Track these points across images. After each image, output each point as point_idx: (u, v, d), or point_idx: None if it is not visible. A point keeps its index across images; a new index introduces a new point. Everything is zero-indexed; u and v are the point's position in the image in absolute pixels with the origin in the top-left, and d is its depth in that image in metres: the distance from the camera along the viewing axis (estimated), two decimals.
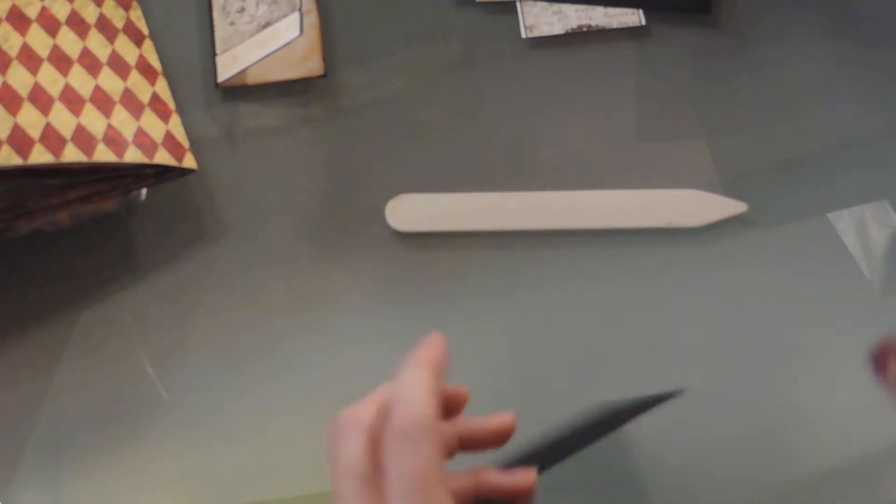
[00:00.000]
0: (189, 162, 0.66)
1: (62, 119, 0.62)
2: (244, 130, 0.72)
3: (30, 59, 0.64)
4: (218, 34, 0.73)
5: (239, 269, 0.67)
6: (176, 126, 0.67)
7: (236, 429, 0.61)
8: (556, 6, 0.74)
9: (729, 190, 0.67)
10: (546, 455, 0.48)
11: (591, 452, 0.48)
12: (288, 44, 0.72)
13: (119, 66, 0.67)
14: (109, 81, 0.66)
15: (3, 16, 0.65)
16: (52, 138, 0.61)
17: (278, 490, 0.60)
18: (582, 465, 0.52)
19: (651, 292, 0.64)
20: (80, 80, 0.65)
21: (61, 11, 0.67)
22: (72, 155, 0.61)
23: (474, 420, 0.46)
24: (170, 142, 0.65)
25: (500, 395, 0.61)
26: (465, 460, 0.47)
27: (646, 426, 0.53)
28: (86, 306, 0.65)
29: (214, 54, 0.72)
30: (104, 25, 0.68)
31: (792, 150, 0.69)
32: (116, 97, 0.65)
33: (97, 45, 0.67)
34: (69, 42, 0.66)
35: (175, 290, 0.66)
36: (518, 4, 0.74)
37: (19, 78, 0.63)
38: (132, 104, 0.66)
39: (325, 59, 0.72)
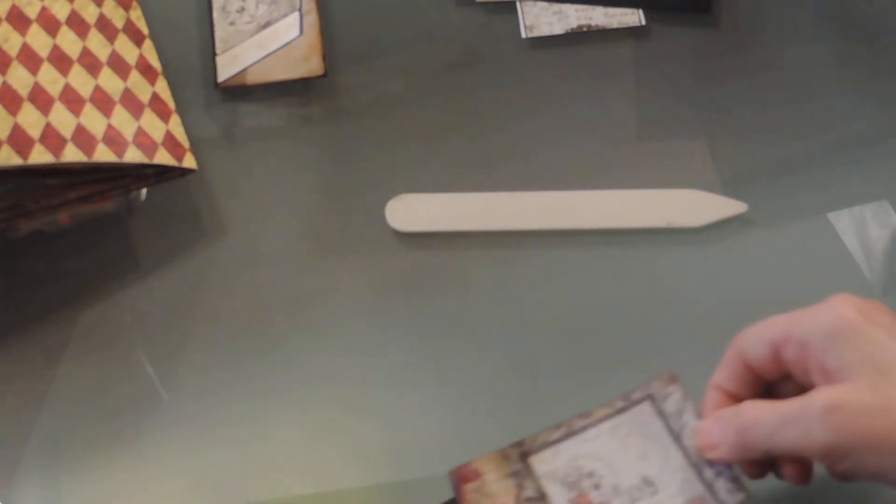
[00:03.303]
0: (189, 162, 0.66)
1: (62, 119, 0.62)
2: (244, 130, 0.72)
3: (30, 59, 0.64)
4: (218, 34, 0.73)
5: (239, 269, 0.67)
6: (176, 126, 0.67)
7: (236, 429, 0.61)
8: (556, 6, 0.74)
9: (729, 190, 0.67)
10: None
11: None
12: (288, 44, 0.72)
13: (119, 66, 0.67)
14: (109, 81, 0.66)
15: (3, 16, 0.65)
16: (52, 138, 0.61)
17: (278, 490, 0.60)
18: None
19: (651, 292, 0.64)
20: (80, 80, 0.65)
21: (61, 11, 0.67)
22: (72, 155, 0.61)
23: None
24: (170, 142, 0.65)
25: (500, 396, 0.61)
26: None
27: None
28: (86, 306, 0.65)
29: (214, 54, 0.72)
30: (104, 25, 0.68)
31: (792, 150, 0.69)
32: (116, 97, 0.65)
33: (97, 45, 0.67)
34: (69, 42, 0.66)
35: (175, 290, 0.66)
36: (518, 4, 0.74)
37: (19, 78, 0.63)
38: (132, 104, 0.66)
39: (325, 59, 0.72)
